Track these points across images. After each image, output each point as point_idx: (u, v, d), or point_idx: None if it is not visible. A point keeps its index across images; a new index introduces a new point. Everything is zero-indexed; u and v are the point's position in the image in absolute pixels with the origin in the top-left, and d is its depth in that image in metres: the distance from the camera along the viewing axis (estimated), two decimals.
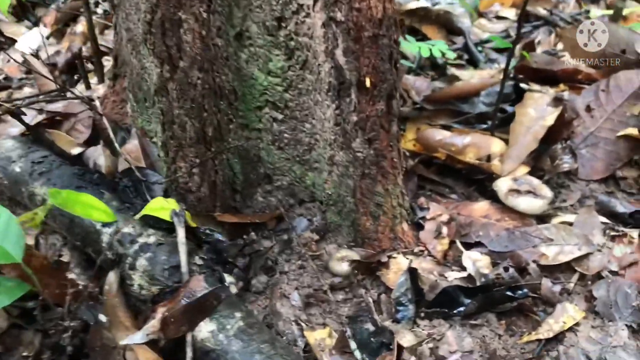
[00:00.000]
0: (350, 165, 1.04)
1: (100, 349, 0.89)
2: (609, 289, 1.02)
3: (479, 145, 1.20)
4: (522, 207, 1.09)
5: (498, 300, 0.98)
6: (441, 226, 1.11)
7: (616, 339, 0.95)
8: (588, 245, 1.06)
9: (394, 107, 1.01)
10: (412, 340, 0.92)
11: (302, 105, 1.08)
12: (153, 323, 0.85)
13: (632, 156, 1.31)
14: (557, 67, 1.54)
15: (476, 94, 1.39)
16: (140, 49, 1.13)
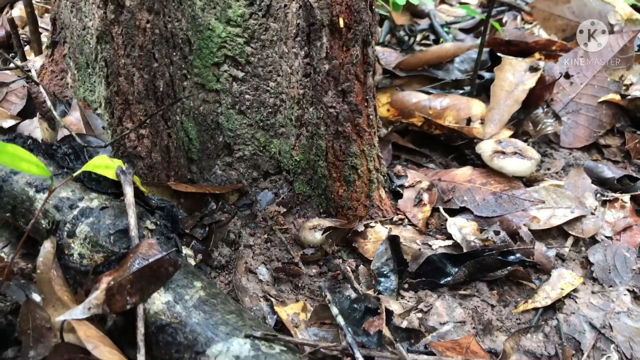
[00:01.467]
0: (321, 123, 0.93)
1: (33, 331, 0.74)
2: (606, 254, 0.94)
3: (458, 107, 1.11)
4: (509, 169, 1.00)
5: (489, 266, 0.88)
6: (421, 193, 1.01)
7: (619, 304, 0.87)
8: (581, 207, 0.98)
9: (370, 55, 0.91)
10: (399, 309, 0.81)
11: (266, 60, 0.97)
12: (96, 295, 0.71)
13: (614, 123, 1.24)
14: (529, 39, 1.47)
15: (451, 61, 1.30)
16: (81, 5, 1.00)
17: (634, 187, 1.08)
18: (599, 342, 0.82)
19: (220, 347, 0.67)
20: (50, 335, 0.74)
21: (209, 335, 0.68)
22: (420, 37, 1.75)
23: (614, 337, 0.82)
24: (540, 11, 1.51)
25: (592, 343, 0.81)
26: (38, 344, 0.73)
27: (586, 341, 0.81)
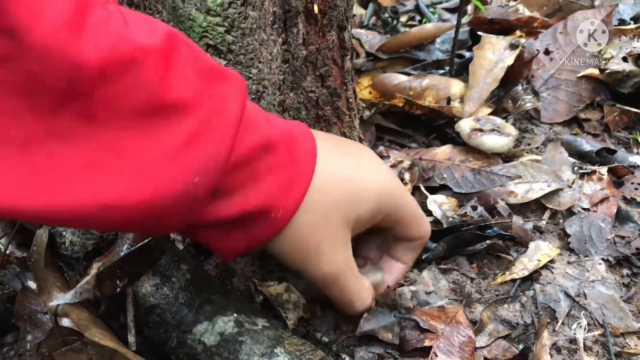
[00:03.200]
0: (302, 108, 0.96)
1: (29, 316, 0.78)
2: (582, 225, 0.97)
3: (438, 87, 1.13)
4: (487, 146, 1.02)
5: (467, 240, 0.92)
6: (403, 172, 1.04)
7: (594, 273, 0.90)
8: (558, 181, 1.01)
9: (347, 40, 0.93)
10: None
11: (247, 47, 0.99)
12: (87, 280, 0.75)
13: (594, 97, 1.27)
14: (512, 17, 1.49)
15: (432, 41, 1.33)
16: None
17: (612, 159, 1.11)
18: (573, 310, 0.85)
19: (205, 326, 0.70)
20: (46, 320, 0.78)
21: (194, 314, 0.71)
22: (407, 18, 1.76)
23: (587, 305, 0.85)
24: None
25: (566, 311, 0.85)
26: (35, 328, 0.77)
27: (561, 309, 0.85)
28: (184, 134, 0.49)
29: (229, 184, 0.55)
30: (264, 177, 0.57)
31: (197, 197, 0.51)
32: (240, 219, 0.57)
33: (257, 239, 0.61)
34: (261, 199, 0.57)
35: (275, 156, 0.59)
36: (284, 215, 0.59)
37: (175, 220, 0.53)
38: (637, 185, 1.06)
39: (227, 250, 0.62)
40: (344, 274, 0.68)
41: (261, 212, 0.58)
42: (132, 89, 0.46)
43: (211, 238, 0.60)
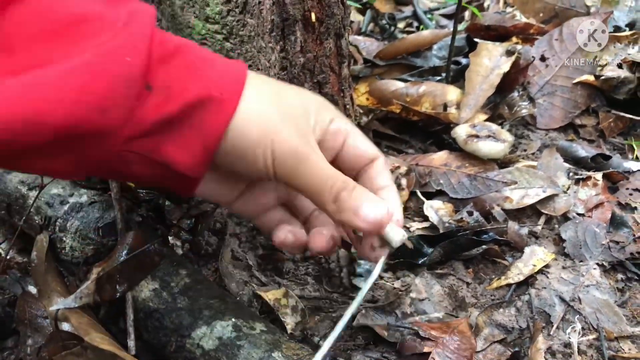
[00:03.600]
0: None
1: (30, 321, 0.79)
2: (577, 230, 0.98)
3: (434, 93, 1.14)
4: (483, 152, 1.04)
5: (463, 245, 0.93)
6: (400, 178, 1.05)
7: (588, 278, 0.91)
8: (553, 186, 1.02)
9: (344, 47, 0.95)
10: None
11: (245, 54, 1.00)
12: (87, 285, 0.75)
13: (589, 104, 1.28)
14: (508, 23, 1.50)
15: (429, 48, 1.34)
16: None
17: (607, 165, 1.12)
18: (568, 314, 0.86)
19: (204, 330, 0.71)
20: (46, 325, 0.79)
21: (193, 319, 0.72)
22: (404, 24, 1.78)
23: (582, 309, 0.86)
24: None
25: (561, 315, 0.86)
26: (35, 332, 0.78)
27: (556, 314, 0.86)
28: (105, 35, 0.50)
29: (164, 78, 0.54)
30: (198, 65, 0.56)
31: (133, 76, 0.51)
32: (185, 113, 0.55)
33: (211, 133, 0.56)
34: (200, 86, 0.55)
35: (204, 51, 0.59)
36: (229, 97, 0.56)
37: (122, 112, 0.51)
38: (632, 191, 1.07)
39: (187, 162, 0.57)
40: (306, 151, 0.59)
41: (204, 100, 0.55)
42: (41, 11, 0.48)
43: (169, 151, 0.56)
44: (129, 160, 0.57)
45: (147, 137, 0.55)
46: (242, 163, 0.59)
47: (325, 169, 0.59)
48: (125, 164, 0.57)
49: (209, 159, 0.58)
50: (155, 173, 0.59)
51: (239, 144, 0.57)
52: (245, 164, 0.59)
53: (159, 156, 0.57)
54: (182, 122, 0.56)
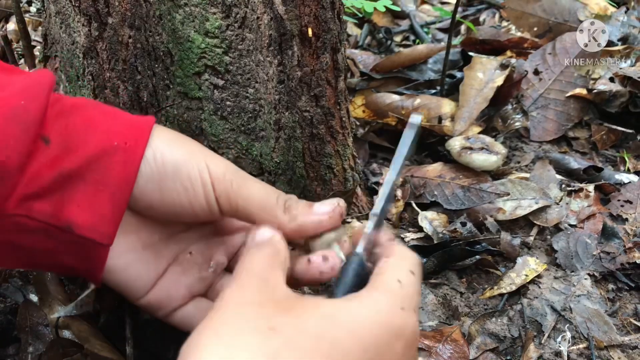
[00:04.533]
0: (297, 127, 0.99)
1: (31, 328, 0.81)
2: (568, 241, 1.00)
3: (429, 106, 1.17)
4: (477, 164, 1.06)
5: (457, 256, 0.94)
6: (395, 189, 1.07)
7: (579, 288, 0.93)
8: (545, 198, 1.04)
9: (340, 61, 0.97)
10: None
11: (244, 68, 1.02)
12: (87, 293, 0.77)
13: (582, 116, 1.30)
14: (503, 38, 1.53)
15: (424, 62, 1.36)
16: (69, 21, 1.06)
17: (599, 177, 1.14)
18: (559, 324, 0.88)
19: None
20: (47, 332, 0.80)
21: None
22: (401, 37, 1.80)
23: (573, 319, 0.88)
24: (512, 10, 1.57)
25: (552, 324, 0.87)
26: (36, 340, 0.79)
27: (547, 323, 0.87)
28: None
29: (62, 132, 0.51)
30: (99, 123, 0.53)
31: (28, 118, 0.48)
32: (87, 167, 0.51)
33: (120, 183, 0.52)
34: (102, 138, 0.52)
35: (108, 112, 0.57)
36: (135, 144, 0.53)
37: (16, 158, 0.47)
38: (623, 203, 1.09)
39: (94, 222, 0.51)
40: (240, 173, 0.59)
41: (107, 150, 0.52)
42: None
43: (73, 213, 0.51)
44: (24, 228, 0.50)
45: (47, 197, 0.50)
46: (173, 193, 0.55)
47: (266, 185, 0.61)
48: (20, 232, 0.51)
49: (118, 214, 0.53)
50: (57, 245, 0.52)
51: (164, 172, 0.54)
52: (178, 192, 0.55)
53: (60, 220, 0.50)
54: (85, 178, 0.51)
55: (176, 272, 0.61)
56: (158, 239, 0.59)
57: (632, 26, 1.61)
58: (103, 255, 0.54)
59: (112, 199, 0.52)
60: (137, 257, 0.58)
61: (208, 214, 0.58)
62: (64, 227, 0.50)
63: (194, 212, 0.56)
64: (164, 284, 0.60)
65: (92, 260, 0.54)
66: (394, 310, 0.47)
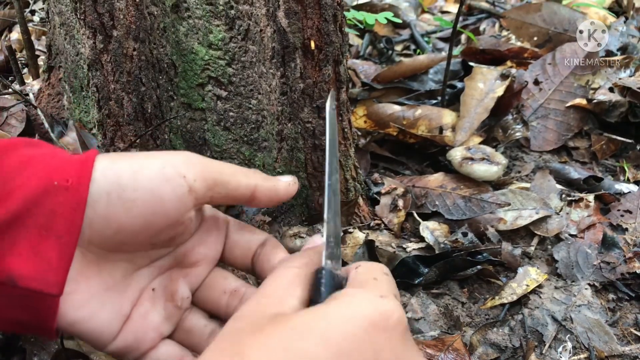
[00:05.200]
0: (299, 138, 1.00)
1: (35, 339, 0.81)
2: (569, 251, 1.01)
3: (430, 117, 1.18)
4: (478, 174, 1.06)
5: (458, 266, 0.95)
6: (397, 199, 1.08)
7: (580, 298, 0.93)
8: (546, 208, 1.05)
9: (342, 73, 0.98)
10: None
11: (247, 79, 1.03)
12: None
13: (582, 126, 1.31)
14: (503, 47, 1.54)
15: (425, 72, 1.37)
16: (74, 33, 1.07)
17: (599, 186, 1.15)
18: (560, 334, 0.88)
19: None
20: (52, 343, 0.81)
21: None
22: (402, 47, 1.82)
23: (573, 329, 0.88)
24: (512, 20, 1.58)
25: (553, 334, 0.88)
26: (41, 350, 0.80)
27: (548, 333, 0.88)
28: None
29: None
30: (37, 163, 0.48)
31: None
32: (27, 210, 0.46)
33: (66, 224, 0.48)
34: (41, 177, 0.48)
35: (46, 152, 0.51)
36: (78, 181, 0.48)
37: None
38: (623, 212, 1.10)
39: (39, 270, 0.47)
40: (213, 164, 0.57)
41: (48, 190, 0.47)
42: None
43: (13, 262, 0.46)
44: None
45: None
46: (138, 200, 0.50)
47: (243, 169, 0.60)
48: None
49: (67, 260, 0.48)
50: (1, 300, 0.47)
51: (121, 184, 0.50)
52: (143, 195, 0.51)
53: (0, 272, 0.46)
54: (26, 224, 0.46)
55: (141, 313, 0.57)
56: (120, 277, 0.55)
57: (632, 36, 1.62)
58: (54, 306, 0.49)
59: (58, 243, 0.47)
60: (100, 302, 0.53)
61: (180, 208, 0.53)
62: (4, 280, 0.45)
63: (165, 211, 0.52)
64: (130, 328, 0.56)
65: (42, 312, 0.49)
66: (372, 299, 0.44)
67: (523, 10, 1.60)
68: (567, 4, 1.94)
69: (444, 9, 2.26)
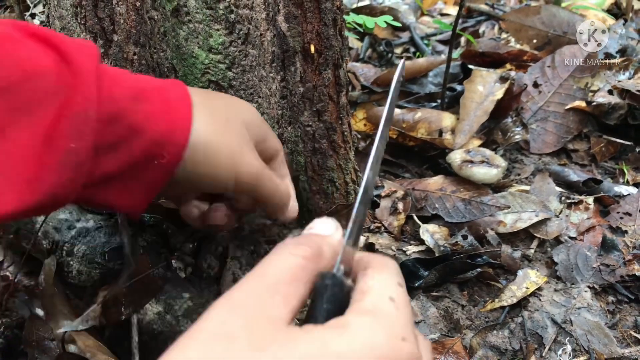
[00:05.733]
0: (299, 141, 1.01)
1: (37, 342, 0.81)
2: (569, 253, 1.01)
3: (430, 120, 1.18)
4: (477, 177, 1.07)
5: (458, 268, 0.95)
6: (397, 202, 1.08)
7: (580, 300, 0.94)
8: (545, 211, 1.05)
9: (342, 77, 0.98)
10: None
11: (247, 83, 1.04)
12: (93, 308, 0.78)
13: (581, 129, 1.31)
14: (503, 50, 1.54)
15: (424, 75, 1.38)
16: (74, 37, 1.07)
17: (598, 189, 1.15)
18: (560, 336, 0.89)
19: None
20: (53, 347, 0.81)
21: None
22: (401, 49, 1.82)
23: (573, 331, 0.89)
24: (512, 23, 1.59)
25: (553, 337, 0.88)
26: (42, 354, 0.80)
27: (548, 335, 0.88)
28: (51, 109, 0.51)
29: (109, 139, 0.56)
30: (144, 127, 0.58)
31: (78, 160, 0.52)
32: (131, 169, 0.58)
33: (155, 184, 0.60)
34: (145, 147, 0.58)
35: (149, 103, 0.59)
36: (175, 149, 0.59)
37: (69, 192, 0.53)
38: (623, 215, 1.10)
39: (130, 205, 0.61)
40: (265, 173, 0.70)
41: (149, 157, 0.58)
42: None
43: (110, 198, 0.59)
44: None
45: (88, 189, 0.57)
46: (200, 184, 0.67)
47: (275, 183, 0.73)
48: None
49: (149, 202, 0.63)
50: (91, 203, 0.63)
51: (190, 173, 0.62)
52: (204, 185, 0.67)
53: (97, 199, 0.59)
54: (126, 176, 0.59)
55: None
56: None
57: (631, 38, 1.62)
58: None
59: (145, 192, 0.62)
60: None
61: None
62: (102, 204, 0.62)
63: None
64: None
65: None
66: (394, 342, 0.39)
67: (522, 13, 1.61)
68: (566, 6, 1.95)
69: (443, 11, 2.27)
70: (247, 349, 0.36)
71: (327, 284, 0.43)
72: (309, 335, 0.38)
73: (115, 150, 0.56)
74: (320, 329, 0.39)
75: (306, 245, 0.43)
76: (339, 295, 0.43)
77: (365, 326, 0.39)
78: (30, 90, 0.50)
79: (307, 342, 0.37)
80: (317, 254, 0.43)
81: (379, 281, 0.43)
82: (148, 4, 0.93)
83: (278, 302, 0.39)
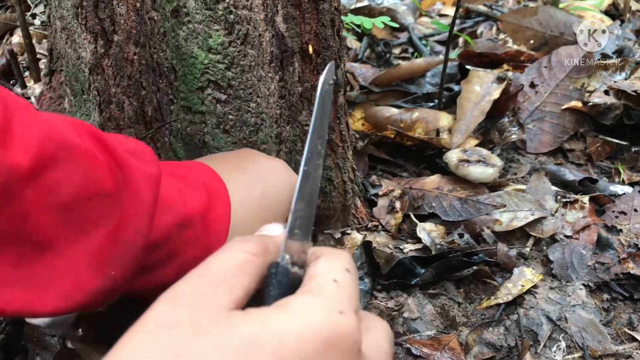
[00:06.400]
0: (297, 140, 1.02)
1: (38, 339, 0.83)
2: (564, 252, 1.02)
3: (427, 119, 1.19)
4: (474, 176, 1.08)
5: (455, 266, 0.96)
6: (394, 201, 1.09)
7: (575, 298, 0.95)
8: (541, 209, 1.06)
9: (340, 77, 0.99)
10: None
11: (246, 83, 1.05)
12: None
13: (577, 129, 1.32)
14: (500, 50, 1.56)
15: (422, 75, 1.39)
16: (75, 37, 1.08)
17: (594, 188, 1.17)
18: (555, 333, 0.90)
19: None
20: (54, 343, 0.82)
21: None
22: (400, 50, 1.83)
23: (568, 328, 0.90)
24: (509, 23, 1.60)
25: (548, 334, 0.89)
26: (43, 350, 0.81)
27: (543, 333, 0.89)
28: (102, 231, 0.52)
29: (148, 263, 0.57)
30: (181, 251, 0.60)
31: (115, 286, 0.54)
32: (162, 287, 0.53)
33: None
34: (179, 270, 0.59)
35: (192, 228, 0.61)
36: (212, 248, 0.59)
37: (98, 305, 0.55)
38: (618, 214, 1.11)
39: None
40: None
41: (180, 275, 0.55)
42: (57, 185, 0.48)
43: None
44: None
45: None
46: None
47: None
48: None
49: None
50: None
51: None
52: None
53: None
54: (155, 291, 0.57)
55: None
56: None
57: (627, 39, 1.63)
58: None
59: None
60: None
61: None
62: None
63: None
64: None
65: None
66: (331, 315, 0.40)
67: (520, 14, 1.62)
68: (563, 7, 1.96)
69: (441, 12, 2.28)
70: (189, 335, 0.37)
71: (272, 272, 0.45)
72: (249, 317, 0.39)
73: (152, 273, 0.58)
74: (260, 310, 0.40)
75: (252, 242, 0.45)
76: (284, 282, 0.44)
77: (304, 303, 0.41)
78: (89, 209, 0.51)
79: (247, 324, 0.38)
80: (263, 250, 0.45)
81: (326, 266, 0.45)
82: (148, 5, 0.94)
83: (221, 292, 0.40)
